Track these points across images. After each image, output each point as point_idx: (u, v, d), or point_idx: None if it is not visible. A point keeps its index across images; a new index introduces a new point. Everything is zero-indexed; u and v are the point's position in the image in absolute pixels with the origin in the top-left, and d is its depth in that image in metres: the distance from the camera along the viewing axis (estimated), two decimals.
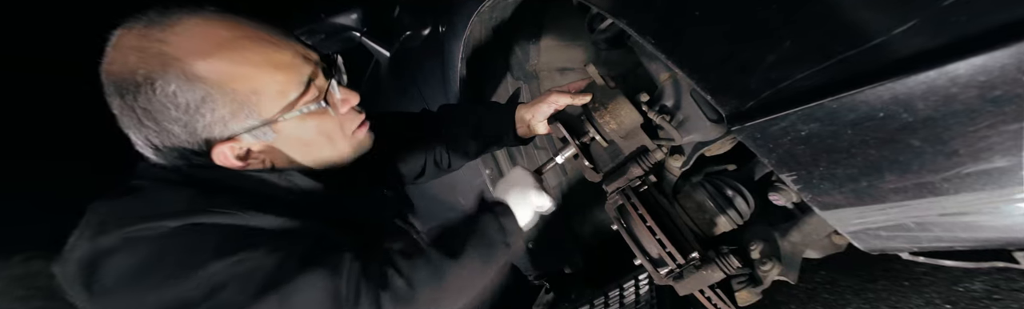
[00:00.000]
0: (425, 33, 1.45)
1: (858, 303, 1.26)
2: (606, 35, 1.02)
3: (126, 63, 0.60)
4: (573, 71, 1.32)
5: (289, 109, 0.66)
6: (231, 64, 0.62)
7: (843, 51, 0.42)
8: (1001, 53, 0.34)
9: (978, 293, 1.13)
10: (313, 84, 0.68)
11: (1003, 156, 0.39)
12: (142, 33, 0.61)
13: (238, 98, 0.63)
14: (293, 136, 0.69)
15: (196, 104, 0.61)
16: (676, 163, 0.89)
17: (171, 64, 0.60)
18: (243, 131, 0.65)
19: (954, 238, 0.48)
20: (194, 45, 0.60)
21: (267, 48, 0.64)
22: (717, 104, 0.54)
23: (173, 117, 0.62)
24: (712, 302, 0.80)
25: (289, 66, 0.65)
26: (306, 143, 0.71)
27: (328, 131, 0.72)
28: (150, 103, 0.61)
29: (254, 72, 0.63)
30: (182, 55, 0.60)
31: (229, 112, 0.63)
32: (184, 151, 0.66)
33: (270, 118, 0.66)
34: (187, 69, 0.60)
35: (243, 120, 0.64)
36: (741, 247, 0.86)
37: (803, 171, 0.51)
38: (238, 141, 0.66)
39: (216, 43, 0.61)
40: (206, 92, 0.61)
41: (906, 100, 0.40)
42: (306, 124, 0.69)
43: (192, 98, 0.61)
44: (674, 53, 0.57)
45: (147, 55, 0.60)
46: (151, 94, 0.60)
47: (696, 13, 0.54)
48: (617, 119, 0.89)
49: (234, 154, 0.66)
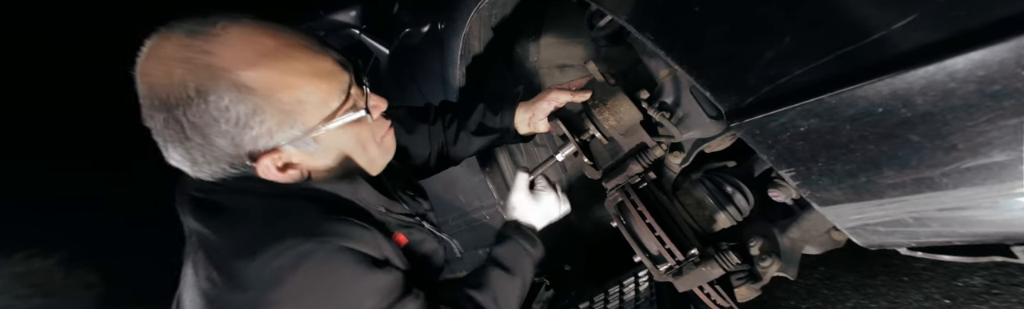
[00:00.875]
0: (424, 30, 1.45)
1: (858, 298, 1.26)
2: (606, 32, 1.01)
3: (172, 75, 0.57)
4: (573, 68, 1.32)
5: (331, 119, 0.65)
6: (278, 74, 0.60)
7: (841, 47, 0.42)
8: (999, 48, 0.35)
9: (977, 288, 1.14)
10: (351, 92, 0.67)
11: (1002, 151, 0.39)
12: (184, 43, 0.58)
13: (285, 108, 0.61)
14: (333, 146, 0.68)
15: (246, 117, 0.59)
16: (676, 160, 0.89)
17: (221, 76, 0.57)
18: (286, 142, 0.64)
19: (952, 233, 0.48)
20: (241, 55, 0.58)
21: (310, 56, 0.63)
22: (716, 101, 0.54)
23: (222, 131, 0.60)
24: (711, 298, 0.80)
25: (330, 74, 0.64)
26: (344, 152, 0.70)
27: (363, 139, 0.71)
28: (201, 117, 0.58)
29: (299, 81, 0.61)
30: (231, 66, 0.58)
31: (276, 123, 0.61)
32: (223, 164, 0.64)
33: (312, 128, 0.64)
34: (237, 80, 0.58)
35: (288, 131, 0.63)
36: (740, 243, 0.87)
37: (802, 167, 0.51)
38: (280, 152, 0.64)
39: (261, 53, 0.59)
40: (256, 104, 0.59)
41: (905, 95, 0.40)
42: (346, 133, 0.68)
43: (243, 111, 0.59)
44: (673, 50, 0.57)
45: (195, 67, 0.57)
46: (203, 107, 0.58)
47: (695, 10, 0.54)
48: (617, 116, 0.89)
49: (275, 166, 0.65)
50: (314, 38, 0.66)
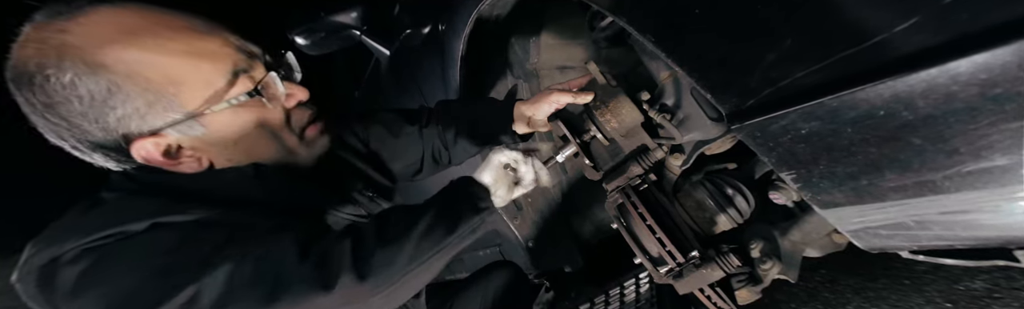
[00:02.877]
0: (425, 32, 1.45)
1: (859, 302, 1.26)
2: (606, 33, 1.01)
3: (20, 55, 0.56)
4: (573, 69, 1.32)
5: (216, 101, 0.61)
6: (142, 52, 0.57)
7: (843, 49, 0.42)
8: (1002, 51, 0.34)
9: (979, 292, 1.13)
10: (246, 75, 0.63)
11: (1004, 154, 0.38)
12: (44, 24, 0.57)
13: (152, 88, 0.58)
14: (226, 131, 0.64)
15: (102, 95, 0.56)
16: (676, 162, 0.88)
17: (69, 52, 0.55)
18: (165, 125, 0.60)
19: (954, 237, 0.47)
20: (99, 33, 0.56)
21: (187, 35, 0.60)
22: (717, 103, 0.54)
23: (79, 111, 0.57)
24: (712, 301, 0.80)
25: (214, 55, 0.61)
26: (243, 139, 0.66)
27: (270, 126, 0.67)
28: (49, 96, 0.56)
29: (171, 61, 0.58)
30: (82, 43, 0.55)
31: (144, 104, 0.58)
32: (107, 150, 0.61)
33: (194, 111, 0.60)
34: (87, 57, 0.55)
35: (163, 113, 0.59)
36: (741, 246, 0.86)
37: (803, 170, 0.51)
38: (162, 136, 0.61)
39: (125, 30, 0.57)
40: (111, 82, 0.56)
41: (907, 98, 0.40)
42: (240, 117, 0.64)
43: (95, 89, 0.56)
44: (674, 51, 0.57)
45: (46, 46, 0.55)
46: (46, 85, 0.55)
47: (696, 11, 0.53)
48: (618, 117, 0.89)
49: (159, 150, 0.61)
50: (202, 21, 0.62)
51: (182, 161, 0.64)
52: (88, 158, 0.63)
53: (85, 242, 0.56)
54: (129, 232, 0.57)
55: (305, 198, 0.75)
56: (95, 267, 0.54)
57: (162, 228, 0.58)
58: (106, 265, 0.55)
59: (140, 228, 0.57)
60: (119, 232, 0.57)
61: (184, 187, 0.65)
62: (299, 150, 0.73)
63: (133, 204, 0.62)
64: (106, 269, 0.55)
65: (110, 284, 0.54)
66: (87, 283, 0.54)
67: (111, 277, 0.54)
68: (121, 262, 0.55)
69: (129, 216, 0.58)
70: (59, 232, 0.60)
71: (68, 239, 0.56)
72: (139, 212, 0.59)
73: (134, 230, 0.57)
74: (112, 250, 0.56)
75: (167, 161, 0.63)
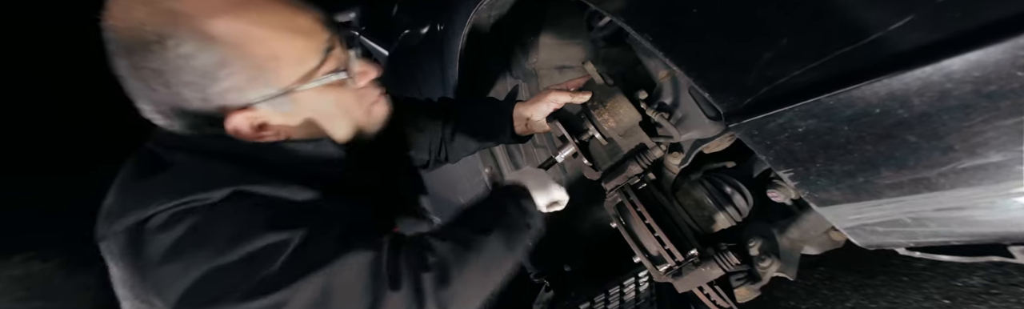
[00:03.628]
0: (424, 32, 1.45)
1: (857, 299, 1.26)
2: (604, 33, 1.02)
3: (132, 18, 0.54)
4: (572, 69, 1.32)
5: (308, 79, 0.61)
6: (249, 25, 0.56)
7: (839, 48, 0.42)
8: (995, 49, 0.35)
9: (976, 288, 1.14)
10: (333, 54, 0.63)
11: (998, 151, 0.39)
12: None
13: (256, 63, 0.58)
14: (311, 108, 0.65)
15: (212, 68, 0.56)
16: (675, 160, 0.89)
17: (182, 21, 0.54)
18: (261, 100, 0.60)
19: (950, 233, 0.48)
20: (209, 2, 0.55)
21: (286, 11, 0.59)
22: (715, 101, 0.54)
23: (186, 80, 0.56)
24: (711, 299, 0.81)
25: (309, 32, 0.61)
26: (324, 116, 0.67)
27: (347, 105, 0.68)
28: (163, 64, 0.55)
29: (273, 35, 0.58)
30: (194, 12, 0.54)
31: (246, 78, 0.58)
32: (196, 118, 0.61)
33: (288, 87, 0.61)
34: (202, 28, 0.55)
35: (261, 88, 0.59)
36: (740, 244, 0.87)
37: (800, 167, 0.51)
38: (254, 110, 0.61)
39: (232, 2, 0.56)
40: (222, 55, 0.56)
41: (902, 96, 0.40)
42: (325, 96, 0.64)
43: (208, 61, 0.56)
44: (672, 51, 0.57)
45: (156, 10, 0.54)
46: (164, 54, 0.54)
47: (693, 11, 0.54)
48: (616, 117, 0.89)
49: (249, 124, 0.62)
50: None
51: (264, 136, 0.64)
52: (165, 121, 0.62)
53: (170, 206, 0.57)
54: (214, 199, 0.58)
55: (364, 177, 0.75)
56: (185, 238, 0.55)
57: (245, 199, 0.59)
58: (195, 237, 0.56)
59: (222, 195, 0.58)
60: (204, 198, 0.57)
61: (255, 155, 0.65)
62: (366, 127, 0.74)
63: (210, 167, 0.62)
64: (196, 242, 0.55)
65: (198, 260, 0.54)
66: (176, 254, 0.55)
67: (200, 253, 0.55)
68: (210, 237, 0.56)
69: (210, 181, 0.59)
70: (137, 193, 0.60)
71: (151, 201, 0.57)
72: (220, 177, 0.60)
73: (217, 197, 0.58)
74: (201, 220, 0.56)
75: (252, 134, 0.63)
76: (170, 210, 0.57)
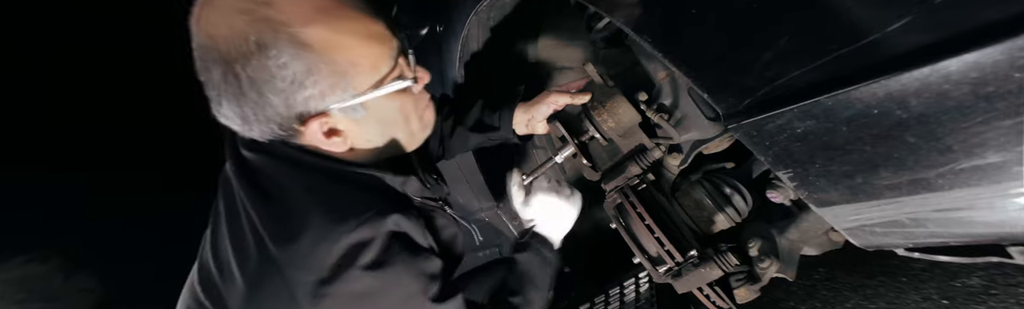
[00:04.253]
0: (423, 33, 1.45)
1: (857, 299, 1.26)
2: (604, 34, 1.02)
3: (233, 26, 0.55)
4: (571, 70, 1.33)
5: (379, 85, 0.63)
6: (334, 33, 0.57)
7: (838, 49, 0.42)
8: (993, 50, 0.35)
9: (975, 288, 1.14)
10: (400, 59, 0.65)
11: (996, 152, 0.39)
12: None
13: (338, 70, 0.59)
14: (379, 114, 0.66)
15: (302, 75, 0.57)
16: (674, 161, 0.89)
17: (281, 30, 0.55)
18: (336, 106, 0.61)
19: (949, 234, 0.48)
20: (300, 10, 0.56)
21: (365, 17, 0.60)
22: (714, 102, 0.54)
23: (278, 88, 0.57)
24: (710, 299, 0.81)
25: (382, 38, 0.62)
26: (388, 123, 0.68)
27: (407, 111, 0.69)
28: (260, 72, 0.56)
29: (354, 42, 0.59)
30: (288, 20, 0.55)
31: (329, 85, 0.59)
32: (272, 123, 0.62)
33: (361, 93, 0.62)
34: (296, 36, 0.55)
35: (340, 94, 0.60)
36: (739, 245, 0.87)
37: (799, 168, 0.51)
38: (329, 116, 0.62)
39: (319, 9, 0.57)
40: (311, 63, 0.57)
41: (900, 97, 0.40)
42: (392, 102, 0.66)
43: (299, 69, 0.57)
44: (671, 52, 0.57)
45: (254, 19, 0.55)
46: (263, 62, 0.56)
47: (693, 12, 0.54)
48: (615, 118, 0.89)
49: (323, 130, 0.63)
50: (367, 2, 0.63)
51: (333, 141, 0.65)
52: (243, 127, 0.63)
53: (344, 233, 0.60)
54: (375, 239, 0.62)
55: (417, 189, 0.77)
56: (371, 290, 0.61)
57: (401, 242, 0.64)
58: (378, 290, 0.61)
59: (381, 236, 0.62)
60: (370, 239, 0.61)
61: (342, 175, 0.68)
62: (419, 133, 0.75)
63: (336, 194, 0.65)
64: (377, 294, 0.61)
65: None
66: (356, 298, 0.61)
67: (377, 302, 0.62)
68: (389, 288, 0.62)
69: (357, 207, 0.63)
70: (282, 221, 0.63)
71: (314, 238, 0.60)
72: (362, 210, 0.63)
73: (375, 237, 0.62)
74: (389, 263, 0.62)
75: (324, 140, 0.64)
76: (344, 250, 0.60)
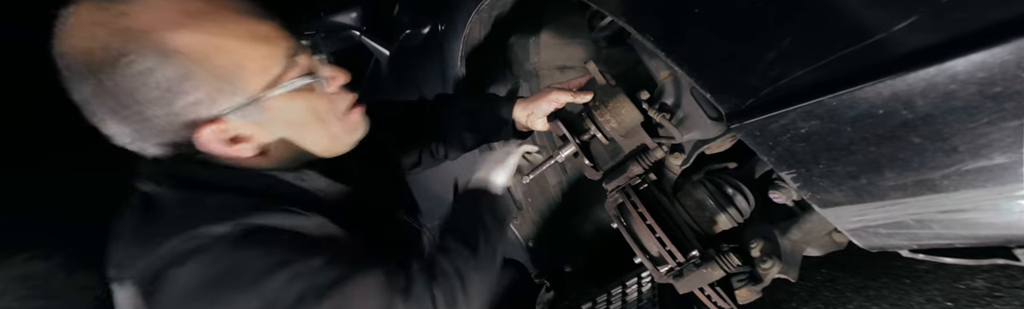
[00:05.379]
0: (425, 32, 1.45)
1: (860, 301, 1.26)
2: (606, 33, 1.02)
3: (92, 38, 0.54)
4: (573, 69, 1.32)
5: (274, 85, 0.61)
6: (210, 36, 0.57)
7: (842, 48, 0.42)
8: (1000, 50, 0.34)
9: (980, 290, 1.13)
10: (297, 60, 0.64)
11: (1003, 153, 0.39)
12: (99, 6, 0.55)
13: (220, 73, 0.58)
14: (282, 116, 0.65)
15: (176, 82, 0.56)
16: (676, 161, 0.88)
17: (139, 38, 0.54)
18: (229, 111, 0.60)
19: (954, 235, 0.48)
20: (163, 16, 0.55)
21: (246, 18, 0.60)
22: (717, 102, 0.54)
23: (152, 98, 0.56)
24: (712, 300, 0.80)
25: (271, 38, 0.61)
26: (297, 124, 0.67)
27: (318, 111, 0.67)
28: (123, 83, 0.55)
29: (235, 44, 0.58)
30: (151, 28, 0.55)
31: (213, 89, 0.58)
32: (165, 137, 0.61)
33: (256, 95, 0.61)
34: (159, 43, 0.55)
35: (229, 98, 0.59)
36: (741, 245, 0.86)
37: (802, 169, 0.51)
38: (224, 122, 0.61)
39: (187, 13, 0.56)
40: (185, 68, 0.56)
41: (906, 97, 0.40)
42: (295, 102, 0.64)
43: (171, 75, 0.56)
44: (674, 51, 0.57)
45: (111, 30, 0.54)
46: (124, 71, 0.55)
47: (695, 11, 0.54)
48: (617, 117, 0.89)
49: (220, 138, 0.62)
50: (251, 3, 0.62)
51: (239, 147, 0.64)
52: (138, 145, 0.62)
53: (180, 242, 0.57)
54: (221, 231, 0.59)
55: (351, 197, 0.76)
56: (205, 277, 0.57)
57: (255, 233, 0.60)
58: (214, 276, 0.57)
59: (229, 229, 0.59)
60: (212, 232, 0.58)
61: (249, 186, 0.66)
62: (342, 136, 0.73)
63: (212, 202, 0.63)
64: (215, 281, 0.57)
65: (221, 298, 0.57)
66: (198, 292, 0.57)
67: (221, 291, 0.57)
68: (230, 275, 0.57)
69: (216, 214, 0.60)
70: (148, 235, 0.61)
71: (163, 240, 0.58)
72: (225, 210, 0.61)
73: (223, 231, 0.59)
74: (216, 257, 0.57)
75: (225, 148, 0.63)
76: (182, 246, 0.57)
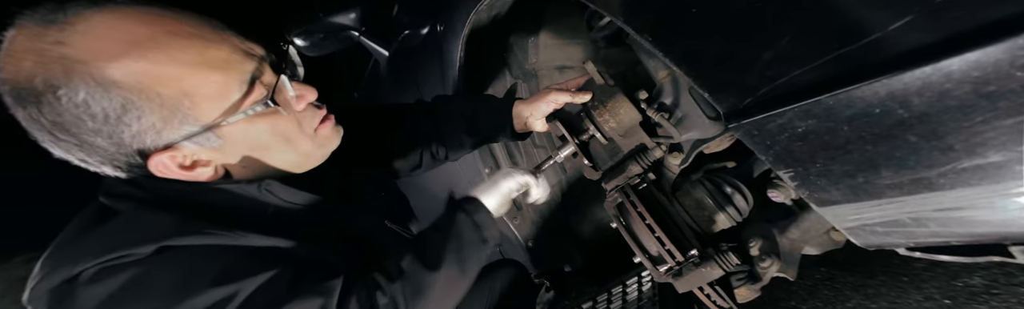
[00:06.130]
0: (424, 32, 1.45)
1: (858, 299, 1.26)
2: (604, 33, 1.02)
3: (21, 70, 0.52)
4: (572, 69, 1.32)
5: (233, 112, 0.59)
6: (152, 65, 0.54)
7: (839, 48, 0.42)
8: (994, 49, 0.35)
9: (977, 288, 1.14)
10: (259, 82, 0.61)
11: (998, 151, 0.39)
12: (36, 33, 0.52)
13: (167, 103, 0.55)
14: (244, 140, 0.63)
15: (116, 113, 0.54)
16: (675, 161, 0.89)
17: (75, 68, 0.51)
18: (181, 139, 0.58)
19: (950, 233, 0.48)
20: (102, 45, 0.52)
21: (196, 44, 0.56)
22: (715, 101, 0.54)
23: (91, 129, 0.54)
24: (711, 299, 0.81)
25: (226, 63, 0.58)
26: (261, 147, 0.65)
27: (284, 132, 0.65)
28: (59, 115, 0.53)
29: (182, 72, 0.55)
30: (88, 58, 0.52)
31: (159, 119, 0.56)
32: (117, 163, 0.59)
33: (211, 123, 0.59)
34: (97, 74, 0.52)
35: (178, 127, 0.57)
36: (740, 244, 0.87)
37: (800, 168, 0.51)
38: (178, 149, 0.59)
39: (129, 41, 0.53)
40: (125, 99, 0.53)
41: (902, 96, 0.40)
42: (257, 126, 0.62)
43: (109, 107, 0.53)
44: (672, 51, 0.57)
45: (45, 59, 0.51)
46: (56, 105, 0.52)
47: (693, 11, 0.54)
48: (616, 117, 0.89)
49: (176, 163, 0.60)
50: (206, 24, 0.59)
51: (198, 172, 0.63)
52: (95, 169, 0.61)
53: (98, 262, 0.55)
54: (142, 254, 0.56)
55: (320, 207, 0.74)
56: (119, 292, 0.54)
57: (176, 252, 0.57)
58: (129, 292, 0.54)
59: (150, 250, 0.56)
60: (132, 253, 0.55)
61: (197, 200, 0.64)
62: (313, 151, 0.72)
63: (148, 219, 0.60)
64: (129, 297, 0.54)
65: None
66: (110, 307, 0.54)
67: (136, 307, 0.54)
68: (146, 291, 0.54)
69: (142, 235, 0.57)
70: (70, 250, 0.59)
71: (81, 259, 0.55)
72: (151, 231, 0.58)
73: (145, 252, 0.56)
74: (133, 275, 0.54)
75: (183, 173, 0.61)
76: (98, 266, 0.55)
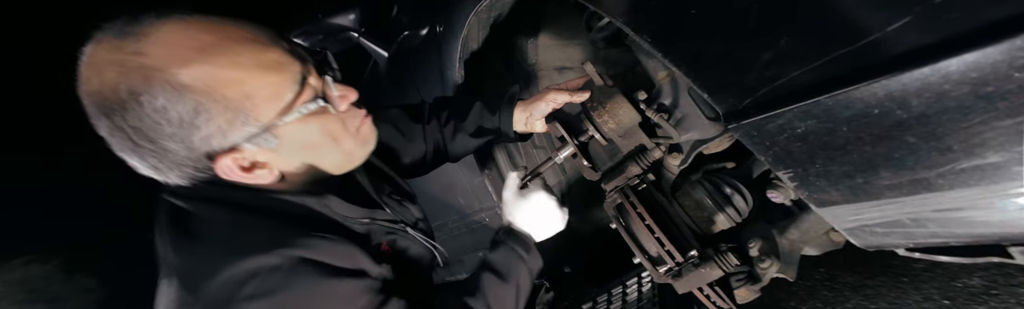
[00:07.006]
0: (423, 33, 1.45)
1: (857, 299, 1.26)
2: (604, 34, 1.02)
3: (104, 80, 0.56)
4: (571, 70, 1.33)
5: (287, 111, 0.63)
6: (217, 69, 0.58)
7: (838, 49, 0.42)
8: (992, 50, 0.35)
9: (976, 289, 1.14)
10: (307, 83, 0.65)
11: (996, 152, 0.39)
12: (115, 46, 0.57)
13: (232, 105, 0.59)
14: (297, 140, 0.66)
15: (190, 116, 0.58)
16: (674, 161, 0.89)
17: (154, 76, 0.56)
18: (243, 140, 0.62)
19: (949, 234, 0.48)
20: (174, 53, 0.57)
21: (253, 48, 0.61)
22: (714, 102, 0.54)
23: (168, 133, 0.58)
24: (711, 300, 0.81)
25: (280, 65, 0.62)
26: (312, 146, 0.68)
27: (332, 131, 0.69)
28: (140, 121, 0.57)
29: (243, 75, 0.59)
30: (163, 65, 0.56)
31: (225, 121, 0.59)
32: (185, 168, 0.63)
33: (269, 123, 0.62)
34: (172, 79, 0.56)
35: (241, 128, 0.61)
36: (740, 245, 0.87)
37: (799, 168, 0.51)
38: (240, 151, 0.63)
39: (197, 48, 0.57)
40: (197, 102, 0.57)
41: (900, 97, 0.40)
42: (309, 126, 0.66)
43: (183, 110, 0.57)
44: (671, 51, 0.57)
45: (127, 69, 0.56)
46: (139, 111, 0.56)
47: (692, 11, 0.54)
48: (615, 118, 0.89)
49: (238, 165, 0.64)
50: (259, 30, 0.63)
51: (257, 174, 0.66)
52: (162, 177, 0.64)
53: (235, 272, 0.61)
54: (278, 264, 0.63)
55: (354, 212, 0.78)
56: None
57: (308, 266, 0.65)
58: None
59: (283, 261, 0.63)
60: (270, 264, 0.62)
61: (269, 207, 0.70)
62: (356, 150, 0.75)
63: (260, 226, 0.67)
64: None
65: None
66: None
67: None
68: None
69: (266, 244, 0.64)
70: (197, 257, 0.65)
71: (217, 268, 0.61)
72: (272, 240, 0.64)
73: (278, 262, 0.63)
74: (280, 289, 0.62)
75: (244, 175, 0.65)
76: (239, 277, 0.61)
